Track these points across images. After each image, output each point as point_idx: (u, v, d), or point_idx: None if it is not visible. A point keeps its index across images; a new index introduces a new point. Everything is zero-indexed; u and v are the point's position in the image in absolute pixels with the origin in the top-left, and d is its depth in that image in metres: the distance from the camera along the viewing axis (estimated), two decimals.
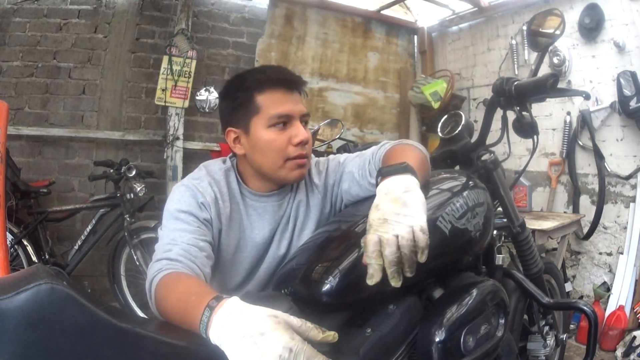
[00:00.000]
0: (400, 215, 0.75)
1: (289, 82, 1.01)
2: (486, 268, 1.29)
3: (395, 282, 0.74)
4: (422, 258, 0.75)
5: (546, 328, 1.49)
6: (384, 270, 0.74)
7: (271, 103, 0.99)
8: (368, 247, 0.74)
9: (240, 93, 1.02)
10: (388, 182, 0.83)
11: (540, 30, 1.29)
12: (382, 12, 3.84)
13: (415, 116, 3.91)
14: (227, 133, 1.06)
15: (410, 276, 0.75)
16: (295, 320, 0.63)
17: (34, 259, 2.39)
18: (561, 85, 2.76)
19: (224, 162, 1.11)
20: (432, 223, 0.95)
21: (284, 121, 0.99)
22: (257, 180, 1.06)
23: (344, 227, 0.98)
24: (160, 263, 0.86)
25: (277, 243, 1.07)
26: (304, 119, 1.03)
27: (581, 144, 2.88)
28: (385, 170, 0.86)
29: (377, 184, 0.86)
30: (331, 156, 1.18)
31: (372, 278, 0.73)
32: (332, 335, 0.65)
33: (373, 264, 0.73)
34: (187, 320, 0.69)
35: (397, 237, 0.73)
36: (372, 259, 0.73)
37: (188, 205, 0.97)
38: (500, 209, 1.35)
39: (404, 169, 0.85)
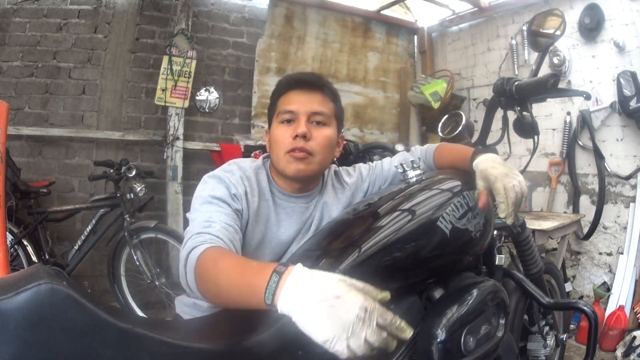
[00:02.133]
0: (514, 173, 1.04)
1: (304, 82, 1.08)
2: (486, 268, 1.29)
3: (511, 220, 1.02)
4: (524, 203, 1.04)
5: (546, 328, 1.49)
6: None
7: (284, 102, 1.07)
8: (500, 191, 1.00)
9: (272, 97, 1.12)
10: (487, 156, 1.09)
11: (541, 30, 1.30)
12: (382, 12, 3.83)
13: (415, 116, 3.91)
14: (265, 134, 1.15)
15: (514, 218, 1.03)
16: (359, 283, 0.65)
17: (34, 259, 2.38)
18: (561, 85, 2.74)
19: (253, 161, 1.14)
20: (433, 223, 0.95)
21: (289, 118, 1.05)
22: (280, 179, 1.10)
23: (345, 227, 0.98)
24: (202, 236, 0.87)
25: (297, 243, 1.09)
26: (314, 118, 1.06)
27: (581, 144, 2.87)
28: (477, 150, 1.12)
29: (472, 160, 1.10)
30: (359, 164, 1.29)
31: (505, 212, 1.01)
32: (387, 295, 0.67)
33: (505, 201, 1.00)
34: (246, 284, 0.69)
35: (514, 185, 1.01)
36: (502, 197, 1.00)
37: (222, 193, 0.99)
38: None
39: (486, 150, 1.14)
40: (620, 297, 2.57)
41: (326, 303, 0.60)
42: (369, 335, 0.59)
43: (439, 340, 0.85)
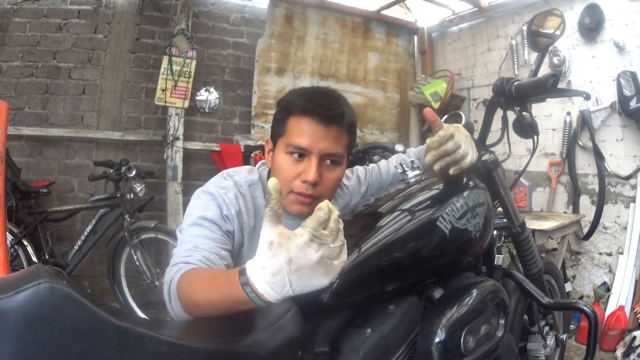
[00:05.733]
0: (466, 141, 1.01)
1: (322, 111, 0.95)
2: (486, 268, 1.29)
3: (430, 159, 1.00)
4: (454, 170, 1.00)
5: (546, 328, 1.49)
6: None
7: (295, 130, 0.96)
8: (439, 135, 0.97)
9: (282, 110, 1.01)
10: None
11: (541, 30, 1.30)
12: (382, 12, 3.83)
13: (415, 116, 3.90)
14: (266, 142, 1.07)
15: (450, 173, 1.00)
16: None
17: (34, 259, 2.38)
18: (561, 85, 2.75)
19: (250, 172, 1.07)
20: (433, 223, 0.95)
21: (300, 153, 0.96)
22: None
23: (344, 227, 0.98)
24: (177, 266, 0.85)
25: None
26: (328, 157, 0.97)
27: (581, 144, 2.87)
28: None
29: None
30: (356, 167, 1.26)
31: (432, 153, 0.99)
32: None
33: (436, 145, 0.98)
34: (226, 301, 0.70)
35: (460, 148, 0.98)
36: (435, 142, 0.98)
37: (213, 214, 0.95)
38: (500, 209, 1.34)
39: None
40: (620, 297, 2.56)
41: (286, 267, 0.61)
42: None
43: (438, 340, 0.85)
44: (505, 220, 1.37)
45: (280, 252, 0.61)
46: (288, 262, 0.61)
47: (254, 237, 1.02)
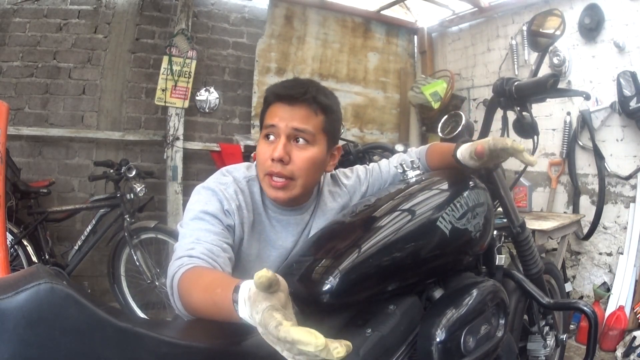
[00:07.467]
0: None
1: (288, 96, 0.99)
2: (486, 268, 1.29)
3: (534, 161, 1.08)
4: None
5: (546, 328, 1.49)
6: None
7: (268, 114, 1.02)
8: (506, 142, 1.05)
9: (263, 104, 1.06)
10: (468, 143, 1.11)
11: (541, 30, 1.30)
12: (382, 12, 3.83)
13: (415, 116, 3.91)
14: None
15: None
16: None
17: (34, 259, 2.38)
18: (561, 85, 2.75)
19: (248, 168, 1.08)
20: (433, 223, 0.95)
21: (270, 132, 1.00)
22: None
23: (343, 229, 0.98)
24: (181, 260, 0.85)
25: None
26: (297, 134, 0.98)
27: (581, 144, 2.87)
28: (460, 142, 1.16)
29: (456, 150, 1.12)
30: (356, 166, 1.26)
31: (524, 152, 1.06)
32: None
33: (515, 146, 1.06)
34: (221, 313, 0.70)
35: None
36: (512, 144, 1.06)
37: (214, 208, 0.95)
38: (500, 209, 1.35)
39: (467, 140, 1.20)
40: (620, 297, 2.56)
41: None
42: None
43: (438, 340, 0.85)
44: (505, 220, 1.38)
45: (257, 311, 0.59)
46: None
47: (253, 232, 1.02)
